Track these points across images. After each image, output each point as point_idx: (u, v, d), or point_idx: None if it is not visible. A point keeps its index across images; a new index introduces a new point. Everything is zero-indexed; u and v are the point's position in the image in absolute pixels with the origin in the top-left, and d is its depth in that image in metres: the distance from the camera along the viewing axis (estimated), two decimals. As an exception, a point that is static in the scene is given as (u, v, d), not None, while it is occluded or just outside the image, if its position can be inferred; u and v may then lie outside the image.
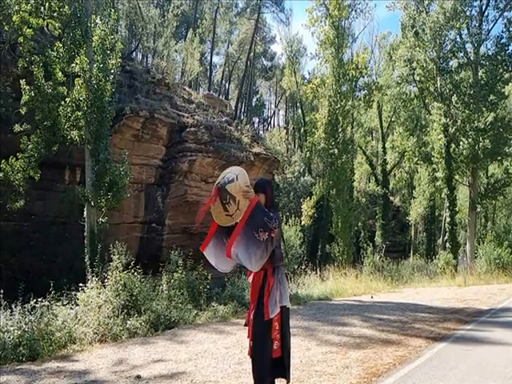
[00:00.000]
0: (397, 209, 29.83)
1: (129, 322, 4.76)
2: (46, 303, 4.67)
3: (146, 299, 5.22)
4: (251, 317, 2.55)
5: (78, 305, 4.93)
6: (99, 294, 4.96)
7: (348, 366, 3.56)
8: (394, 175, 28.69)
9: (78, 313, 4.68)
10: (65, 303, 4.91)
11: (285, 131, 32.42)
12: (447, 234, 17.20)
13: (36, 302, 4.62)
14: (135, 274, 5.58)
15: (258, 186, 2.58)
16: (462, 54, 16.83)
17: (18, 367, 3.70)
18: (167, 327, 5.06)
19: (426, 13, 17.04)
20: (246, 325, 2.70)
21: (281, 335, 2.47)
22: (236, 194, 2.37)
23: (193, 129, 15.29)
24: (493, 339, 4.53)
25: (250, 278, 2.71)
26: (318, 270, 12.28)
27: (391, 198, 27.67)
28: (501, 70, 15.82)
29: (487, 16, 16.73)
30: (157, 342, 4.49)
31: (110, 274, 5.32)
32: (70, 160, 11.88)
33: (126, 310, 4.94)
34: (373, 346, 4.23)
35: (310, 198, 17.25)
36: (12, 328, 3.99)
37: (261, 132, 32.52)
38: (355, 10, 18.43)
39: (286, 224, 15.70)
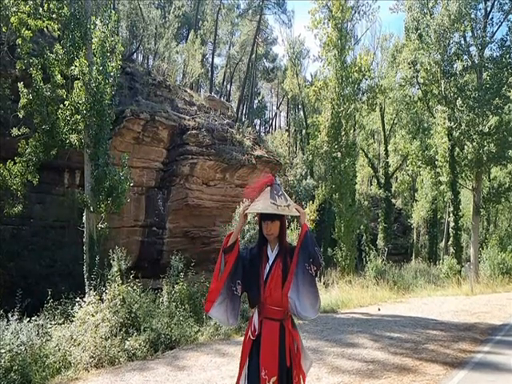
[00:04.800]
0: (399, 211, 29.64)
1: (127, 343, 4.52)
2: (41, 322, 4.44)
3: (145, 315, 4.98)
4: None
5: (73, 321, 4.70)
6: (96, 312, 4.72)
7: (364, 403, 3.31)
8: (396, 178, 28.49)
9: (74, 333, 4.45)
10: (61, 321, 4.68)
11: (286, 133, 32.26)
12: (451, 238, 16.97)
13: (29, 321, 4.39)
14: (134, 287, 5.36)
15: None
16: (466, 57, 16.64)
17: (7, 400, 3.45)
18: (168, 347, 4.83)
19: (431, 15, 16.85)
20: None
21: None
22: (289, 199, 2.15)
23: (194, 131, 15.13)
24: (513, 366, 4.26)
25: (251, 334, 2.02)
26: (321, 275, 12.05)
27: (393, 201, 27.47)
28: (506, 74, 15.63)
29: (492, 18, 16.56)
30: (157, 368, 4.21)
31: (108, 287, 5.09)
32: (68, 163, 11.72)
33: (124, 329, 4.71)
34: (388, 374, 3.97)
35: (313, 202, 17.05)
36: (3, 351, 3.76)
37: (262, 134, 32.35)
38: (358, 12, 18.24)
39: (288, 228, 15.53)
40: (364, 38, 51.17)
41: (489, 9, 16.52)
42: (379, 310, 8.37)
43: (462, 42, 16.75)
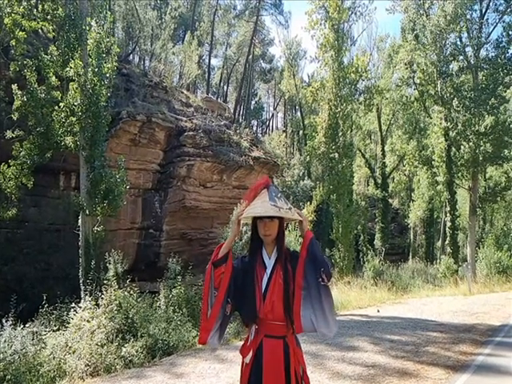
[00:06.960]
0: (396, 211, 29.75)
1: (124, 349, 4.44)
2: (35, 329, 4.35)
3: (142, 321, 4.89)
4: None
5: (68, 327, 4.61)
6: (92, 318, 4.64)
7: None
8: (393, 178, 28.60)
9: (69, 340, 4.36)
10: (56, 327, 4.59)
11: (284, 134, 32.30)
12: (448, 238, 17.04)
13: (24, 328, 4.30)
14: (131, 291, 5.28)
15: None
16: (462, 58, 16.74)
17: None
18: (165, 353, 4.74)
19: (427, 16, 16.94)
20: None
21: None
22: (288, 202, 1.94)
23: (191, 133, 15.06)
24: (516, 369, 4.23)
25: (249, 357, 1.75)
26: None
27: (390, 201, 27.57)
28: (501, 74, 15.74)
29: (487, 19, 16.68)
30: (154, 376, 4.12)
31: (104, 292, 5.00)
32: (64, 165, 11.61)
33: (121, 335, 4.63)
34: (389, 379, 3.91)
35: (310, 203, 17.05)
36: (-4, 359, 3.68)
37: (259, 135, 32.36)
38: (355, 13, 18.30)
39: (286, 229, 15.50)
40: (360, 39, 51.96)
41: (484, 10, 16.64)
42: (378, 311, 8.35)
43: (458, 42, 16.86)
